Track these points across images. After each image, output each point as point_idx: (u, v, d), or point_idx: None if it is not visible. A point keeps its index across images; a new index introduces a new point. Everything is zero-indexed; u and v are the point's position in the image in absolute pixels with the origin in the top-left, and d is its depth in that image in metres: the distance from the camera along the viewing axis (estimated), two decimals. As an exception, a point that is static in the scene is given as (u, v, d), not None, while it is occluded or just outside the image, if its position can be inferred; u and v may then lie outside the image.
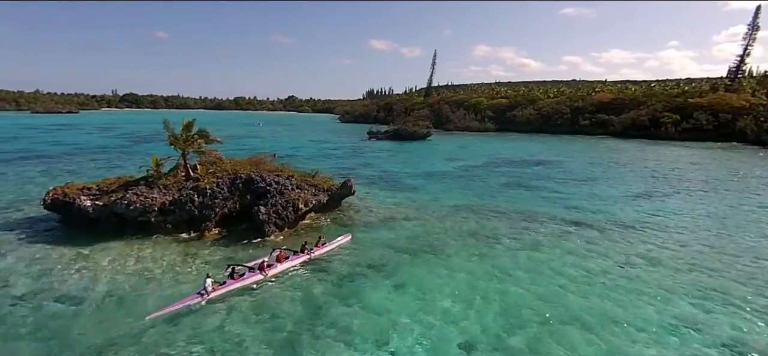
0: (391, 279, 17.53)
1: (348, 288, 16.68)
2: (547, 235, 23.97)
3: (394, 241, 22.36)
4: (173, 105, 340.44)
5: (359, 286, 16.79)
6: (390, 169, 47.87)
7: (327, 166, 48.41)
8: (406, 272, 18.17)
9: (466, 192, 35.57)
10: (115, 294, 15.47)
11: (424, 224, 25.82)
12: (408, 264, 19.06)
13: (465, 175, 44.84)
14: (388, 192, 35.29)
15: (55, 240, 21.05)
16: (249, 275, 16.71)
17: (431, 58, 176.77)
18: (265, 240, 21.65)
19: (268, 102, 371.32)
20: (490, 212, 28.98)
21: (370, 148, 72.57)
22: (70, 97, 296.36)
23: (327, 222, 25.88)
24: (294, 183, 26.20)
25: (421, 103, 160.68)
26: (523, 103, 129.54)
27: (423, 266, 18.87)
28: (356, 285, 16.85)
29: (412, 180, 40.87)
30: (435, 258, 19.96)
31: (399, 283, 17.06)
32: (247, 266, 17.23)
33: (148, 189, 23.24)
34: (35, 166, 44.14)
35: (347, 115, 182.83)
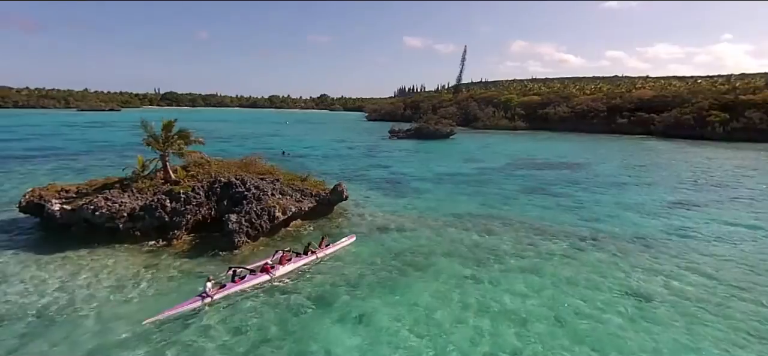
0: (354, 306, 15.16)
1: (296, 317, 14.41)
2: (555, 254, 20.87)
3: (376, 257, 19.98)
4: (211, 103, 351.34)
5: (310, 315, 14.51)
6: (401, 171, 45.39)
7: (337, 166, 46.74)
8: (375, 298, 15.75)
9: (475, 199, 32.61)
10: (37, 311, 13.99)
11: (417, 236, 23.28)
12: (381, 287, 16.64)
13: (480, 179, 41.72)
14: (390, 196, 32.89)
15: (19, 245, 20.07)
16: (250, 277, 16.44)
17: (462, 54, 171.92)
18: (233, 252, 19.79)
19: (300, 100, 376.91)
20: (496, 223, 26.04)
21: (387, 147, 70.29)
22: (114, 95, 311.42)
23: (309, 231, 23.81)
24: (277, 188, 24.40)
25: (449, 101, 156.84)
26: (557, 100, 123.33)
27: (397, 292, 16.32)
28: (305, 316, 14.51)
29: (420, 184, 38.27)
30: (414, 281, 17.40)
31: (361, 313, 14.64)
32: (248, 268, 16.94)
33: (119, 194, 22.00)
34: (45, 164, 44.76)
35: (374, 113, 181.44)
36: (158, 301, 14.91)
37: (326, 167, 46.92)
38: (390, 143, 76.99)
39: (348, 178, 39.70)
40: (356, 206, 29.35)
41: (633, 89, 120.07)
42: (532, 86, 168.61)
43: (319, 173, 41.75)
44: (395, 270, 18.33)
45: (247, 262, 18.25)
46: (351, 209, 28.47)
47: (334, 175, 41.05)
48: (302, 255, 18.97)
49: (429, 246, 21.63)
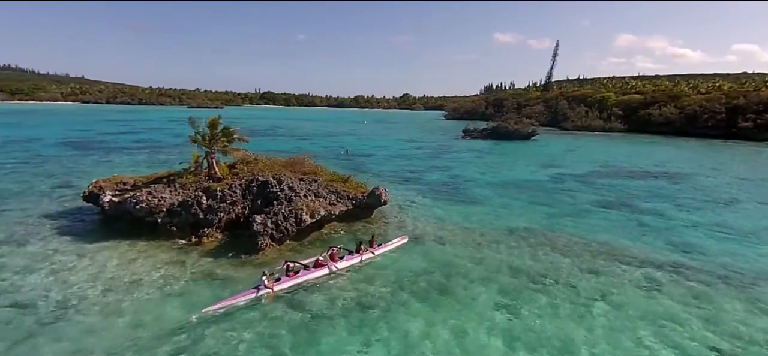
0: (363, 331, 13.48)
1: (306, 331, 13.22)
2: (624, 286, 17.09)
3: (401, 273, 18.03)
4: (303, 102, 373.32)
5: (321, 331, 13.26)
6: (463, 174, 42.40)
7: (396, 167, 45.27)
8: (381, 325, 13.88)
9: (539, 211, 28.83)
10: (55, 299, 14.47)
11: (456, 251, 20.76)
12: (392, 313, 14.69)
13: (552, 187, 37.22)
14: (441, 202, 30.46)
15: (71, 231, 21.63)
16: (303, 273, 16.84)
17: (554, 48, 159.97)
18: (254, 254, 19.16)
19: (383, 100, 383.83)
20: (558, 241, 22.44)
21: (458, 147, 67.02)
22: (220, 94, 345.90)
23: (340, 235, 22.57)
24: (312, 190, 23.56)
25: (537, 99, 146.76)
26: (662, 99, 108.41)
27: (410, 320, 14.24)
28: (317, 330, 13.31)
29: (481, 190, 35.16)
30: (434, 309, 15.12)
31: (369, 339, 12.95)
32: (302, 263, 17.31)
33: (163, 189, 22.80)
34: (138, 155, 49.61)
35: (454, 112, 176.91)
36: (156, 303, 14.71)
37: (384, 167, 45.69)
38: (462, 143, 73.47)
39: (403, 180, 38.06)
40: (400, 211, 27.57)
41: (764, 87, 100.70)
42: (635, 84, 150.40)
43: (375, 173, 40.81)
44: (417, 293, 16.17)
45: (270, 265, 17.65)
46: (393, 214, 26.77)
47: (388, 177, 39.68)
48: (353, 253, 18.91)
49: (466, 265, 19.04)
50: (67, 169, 39.58)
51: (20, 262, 17.76)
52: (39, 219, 23.37)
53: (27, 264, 17.64)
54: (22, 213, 24.50)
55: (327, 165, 45.54)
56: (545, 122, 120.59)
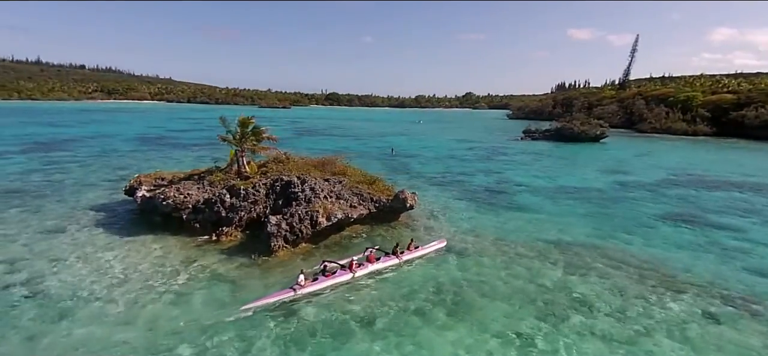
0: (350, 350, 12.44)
1: (334, 336, 13.07)
2: (673, 319, 14.38)
3: (415, 285, 16.69)
4: (365, 103, 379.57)
5: (349, 337, 13.10)
6: (513, 179, 39.55)
7: (440, 169, 43.62)
8: (376, 344, 12.72)
9: (590, 223, 25.78)
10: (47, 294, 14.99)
11: (482, 265, 18.88)
12: (393, 331, 13.42)
13: (613, 196, 33.39)
14: (479, 208, 28.38)
15: (105, 223, 22.77)
16: (340, 273, 16.74)
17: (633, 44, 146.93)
18: (266, 257, 18.76)
19: (445, 99, 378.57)
20: (603, 259, 19.75)
21: (514, 149, 63.26)
22: (288, 95, 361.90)
23: (360, 240, 21.56)
24: (336, 191, 22.86)
25: (611, 98, 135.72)
26: (760, 99, 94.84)
27: (410, 342, 12.91)
28: (345, 335, 13.15)
29: (528, 197, 32.42)
30: (441, 331, 13.57)
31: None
32: (339, 263, 17.22)
33: (191, 185, 23.35)
34: (197, 151, 52.41)
35: (518, 111, 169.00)
36: (148, 300, 14.71)
37: (428, 168, 44.06)
38: (519, 145, 69.34)
39: (444, 183, 36.30)
40: (430, 217, 26.04)
41: None
42: (728, 82, 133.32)
43: (415, 174, 39.47)
44: (425, 310, 14.76)
45: (280, 269, 17.54)
46: (422, 219, 25.35)
47: (429, 178, 38.13)
48: (390, 255, 18.53)
49: (490, 282, 17.18)
50: (130, 163, 42.61)
51: (45, 248, 18.98)
52: (83, 210, 24.98)
53: (51, 251, 18.76)
54: (72, 203, 26.39)
55: (371, 164, 45.18)
56: (618, 123, 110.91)
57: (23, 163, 40.72)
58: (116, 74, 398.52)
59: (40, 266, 17.29)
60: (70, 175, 35.58)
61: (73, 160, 43.63)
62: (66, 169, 37.85)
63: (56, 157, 44.62)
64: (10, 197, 27.47)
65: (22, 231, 21.25)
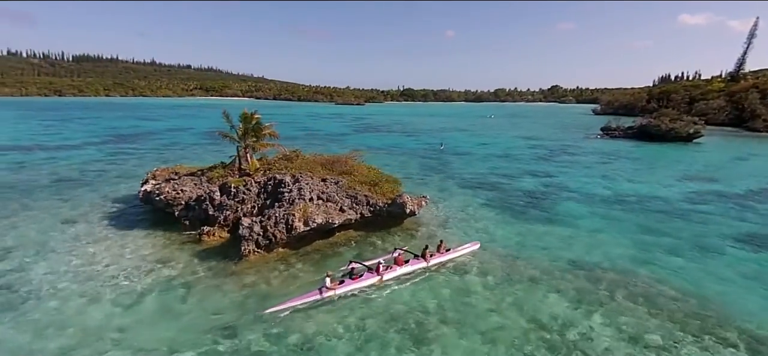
0: None
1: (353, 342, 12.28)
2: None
3: (383, 306, 14.38)
4: (440, 98, 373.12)
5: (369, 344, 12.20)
6: (564, 183, 34.47)
7: (484, 168, 39.97)
8: None
9: (633, 241, 21.00)
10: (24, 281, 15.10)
11: (473, 288, 15.88)
12: None
13: (680, 209, 27.28)
14: (505, 218, 24.70)
15: (116, 216, 23.34)
16: (367, 276, 16.13)
17: (750, 29, 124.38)
18: (238, 261, 17.60)
19: (528, 93, 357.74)
20: (626, 290, 15.65)
21: (584, 148, 56.15)
22: (365, 91, 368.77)
23: (349, 248, 19.53)
24: (328, 192, 21.07)
25: (718, 91, 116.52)
26: None
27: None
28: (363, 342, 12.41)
29: (571, 206, 27.75)
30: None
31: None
32: (366, 265, 16.60)
33: (188, 181, 23.12)
34: None
35: (608, 106, 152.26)
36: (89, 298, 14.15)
37: (469, 168, 40.37)
38: (592, 144, 61.53)
39: (480, 186, 32.80)
40: (441, 224, 23.25)
41: None
42: None
43: (450, 175, 36.69)
44: (374, 339, 12.45)
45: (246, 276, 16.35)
46: (430, 227, 22.68)
47: (464, 179, 34.80)
48: (419, 258, 17.67)
49: (470, 311, 14.21)
50: (182, 157, 44.88)
51: (43, 238, 19.77)
52: (104, 202, 26.11)
53: (47, 241, 19.48)
54: (100, 194, 27.88)
55: (410, 162, 43.20)
56: (725, 121, 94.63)
57: (91, 154, 45.00)
58: (216, 73, 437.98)
59: (27, 255, 17.93)
60: (120, 166, 38.25)
61: (135, 152, 47.30)
62: (121, 161, 40.90)
63: (123, 149, 48.76)
64: (54, 185, 29.98)
65: (37, 218, 22.64)
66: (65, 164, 38.78)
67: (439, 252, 18.27)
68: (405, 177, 35.58)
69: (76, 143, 53.69)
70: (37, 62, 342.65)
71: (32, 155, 43.16)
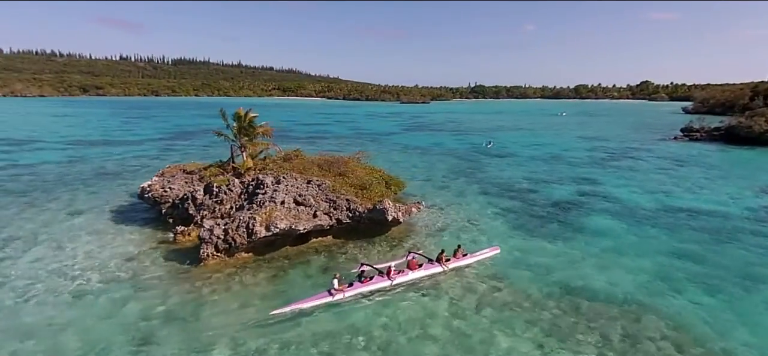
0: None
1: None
2: None
3: (332, 324, 12.87)
4: (513, 95, 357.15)
5: None
6: (607, 192, 29.81)
7: (523, 173, 36.60)
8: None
9: (658, 266, 17.11)
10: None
11: (436, 312, 13.75)
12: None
13: (737, 229, 22.01)
14: (514, 230, 21.72)
15: (117, 212, 24.17)
16: (377, 279, 15.60)
17: None
18: (195, 265, 17.01)
19: (613, 89, 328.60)
20: (624, 327, 12.50)
21: (652, 151, 48.94)
22: (434, 89, 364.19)
23: (316, 258, 18.07)
24: (308, 195, 19.84)
25: None
26: None
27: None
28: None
29: (601, 220, 23.77)
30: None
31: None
32: (377, 268, 16.05)
33: (180, 179, 23.21)
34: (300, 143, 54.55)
35: (702, 104, 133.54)
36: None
37: (503, 172, 36.86)
38: (667, 147, 53.51)
39: (506, 192, 29.83)
40: (435, 233, 21.40)
41: None
42: None
43: (481, 179, 33.85)
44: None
45: (198, 280, 15.82)
46: (420, 237, 20.73)
47: (491, 184, 31.86)
48: (433, 262, 16.89)
49: (419, 342, 12.16)
50: (222, 154, 46.58)
51: (37, 230, 20.85)
52: (117, 196, 27.32)
53: (39, 232, 20.52)
54: (117, 189, 29.31)
55: (442, 161, 40.63)
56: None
57: (144, 149, 48.55)
58: (295, 74, 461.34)
59: (14, 245, 18.96)
60: (162, 161, 40.32)
61: (183, 148, 50.15)
62: (165, 156, 43.35)
63: (175, 145, 52.03)
64: (92, 178, 32.35)
65: (52, 209, 24.27)
66: (115, 159, 42.06)
67: (455, 257, 17.32)
68: (425, 180, 33.43)
69: (138, 139, 58.47)
70: (142, 65, 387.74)
71: (93, 150, 47.52)
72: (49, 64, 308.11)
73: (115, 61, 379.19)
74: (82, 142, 54.22)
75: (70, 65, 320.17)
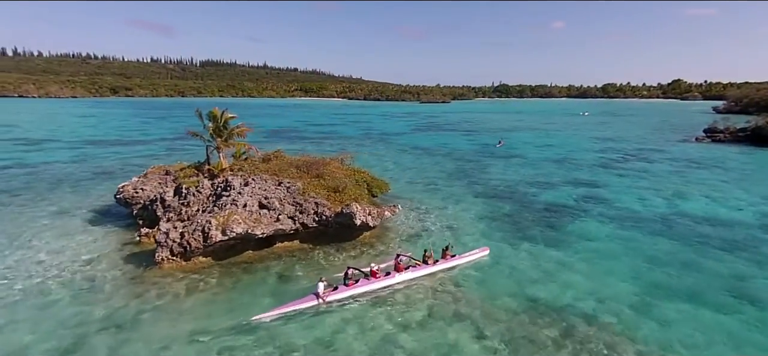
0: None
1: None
2: None
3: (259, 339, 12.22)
4: (538, 94, 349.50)
5: None
6: (607, 198, 28.07)
7: (524, 175, 35.08)
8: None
9: (645, 280, 15.70)
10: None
11: (380, 320, 12.92)
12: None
13: (739, 240, 20.12)
14: (491, 235, 20.53)
15: (94, 212, 24.24)
16: (363, 282, 15.36)
17: None
18: (151, 268, 16.66)
19: (643, 88, 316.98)
20: (595, 345, 11.30)
21: (667, 154, 46.21)
22: (456, 89, 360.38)
23: (276, 264, 17.43)
24: (274, 197, 19.27)
25: None
26: None
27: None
28: None
29: (593, 226, 22.31)
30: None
31: None
32: (364, 271, 15.85)
33: (154, 180, 23.04)
34: (305, 144, 54.27)
35: (735, 103, 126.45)
36: None
37: (504, 174, 35.64)
38: (686, 148, 50.51)
39: (501, 195, 28.48)
40: (411, 238, 20.66)
41: None
42: None
43: (479, 180, 32.43)
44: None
45: (145, 286, 15.45)
46: (395, 242, 19.98)
47: (487, 187, 30.53)
48: (421, 264, 16.61)
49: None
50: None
51: (14, 231, 20.85)
52: (104, 197, 27.40)
53: (13, 232, 20.51)
54: (107, 190, 29.46)
55: (441, 164, 39.68)
56: None
57: (151, 149, 49.32)
58: (319, 75, 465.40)
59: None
60: (163, 161, 40.73)
61: (189, 149, 50.35)
62: (166, 157, 43.71)
63: (182, 146, 52.60)
64: (91, 177, 32.84)
65: (40, 208, 24.61)
66: (119, 158, 42.78)
67: (443, 258, 17.08)
68: (419, 181, 32.53)
69: (149, 139, 59.59)
70: (172, 67, 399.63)
71: (100, 149, 48.58)
72: (84, 67, 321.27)
73: (146, 63, 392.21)
74: (94, 141, 55.62)
75: (104, 67, 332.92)
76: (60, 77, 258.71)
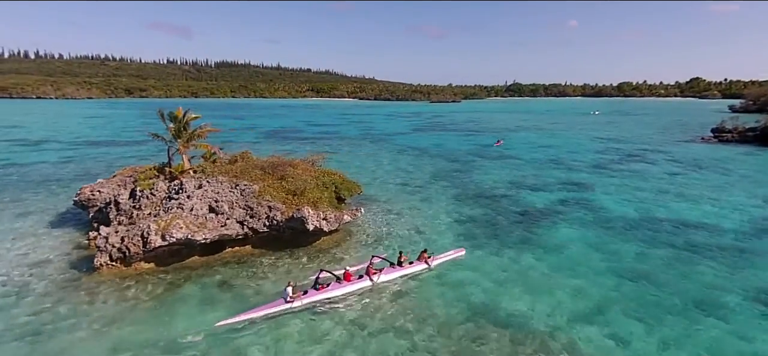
0: None
1: None
2: None
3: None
4: (551, 93, 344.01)
5: None
6: (591, 200, 26.64)
7: (508, 176, 33.45)
8: None
9: (604, 292, 14.46)
10: None
11: (322, 332, 12.06)
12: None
13: (723, 246, 18.62)
14: (462, 240, 19.48)
15: (57, 214, 23.95)
16: (334, 285, 15.00)
17: None
18: (89, 273, 16.10)
19: (660, 86, 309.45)
20: None
21: (668, 154, 44.20)
22: (465, 88, 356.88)
23: (220, 271, 16.68)
24: (224, 200, 18.55)
25: None
26: None
27: None
28: None
29: (567, 231, 21.00)
30: None
31: None
32: (335, 274, 15.46)
33: (113, 182, 22.54)
34: (304, 144, 53.79)
35: (753, 102, 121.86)
36: None
37: (494, 174, 34.65)
38: (688, 149, 48.32)
39: (483, 197, 27.31)
40: (373, 244, 19.60)
41: None
42: None
43: (465, 182, 31.54)
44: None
45: (82, 291, 14.86)
46: (356, 248, 18.98)
47: (470, 189, 29.42)
48: (394, 266, 16.32)
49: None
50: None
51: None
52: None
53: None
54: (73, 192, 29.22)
55: (431, 164, 38.80)
56: None
57: (145, 150, 49.36)
58: (331, 75, 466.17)
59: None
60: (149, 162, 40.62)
61: (179, 149, 50.51)
62: (157, 157, 43.49)
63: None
64: (73, 179, 32.75)
65: (7, 209, 24.25)
66: (109, 159, 42.85)
67: (419, 260, 16.80)
68: (400, 183, 31.60)
69: (147, 140, 59.57)
70: (187, 68, 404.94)
71: (94, 150, 48.81)
72: (101, 68, 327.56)
73: (162, 64, 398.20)
74: (91, 142, 56.02)
75: (121, 69, 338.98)
76: (77, 78, 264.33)
